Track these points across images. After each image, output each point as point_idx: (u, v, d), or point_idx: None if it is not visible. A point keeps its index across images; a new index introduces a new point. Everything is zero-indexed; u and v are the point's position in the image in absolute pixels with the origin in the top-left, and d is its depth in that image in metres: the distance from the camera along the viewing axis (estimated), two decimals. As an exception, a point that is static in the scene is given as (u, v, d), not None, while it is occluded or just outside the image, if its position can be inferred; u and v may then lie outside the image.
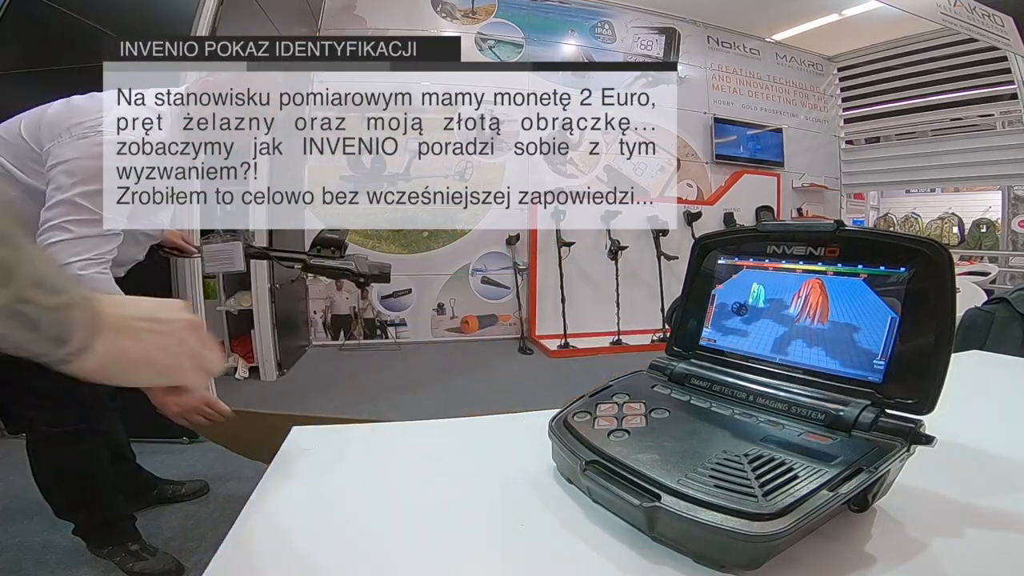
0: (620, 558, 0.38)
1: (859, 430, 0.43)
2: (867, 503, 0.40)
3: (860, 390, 0.45)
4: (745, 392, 0.50)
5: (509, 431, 0.63)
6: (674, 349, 0.59)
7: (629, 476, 0.41)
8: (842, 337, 0.47)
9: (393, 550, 0.40)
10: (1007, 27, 4.10)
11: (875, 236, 0.48)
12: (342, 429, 0.65)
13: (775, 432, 0.45)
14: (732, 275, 0.56)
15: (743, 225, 1.12)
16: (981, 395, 0.76)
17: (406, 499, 0.47)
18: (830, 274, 0.49)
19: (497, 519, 0.44)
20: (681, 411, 0.50)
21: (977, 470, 0.51)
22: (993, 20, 4.04)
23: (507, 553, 0.40)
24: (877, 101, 5.73)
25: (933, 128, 5.47)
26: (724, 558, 0.36)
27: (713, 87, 5.36)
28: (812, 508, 0.36)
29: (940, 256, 0.42)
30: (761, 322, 0.53)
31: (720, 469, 0.40)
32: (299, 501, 0.47)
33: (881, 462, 0.39)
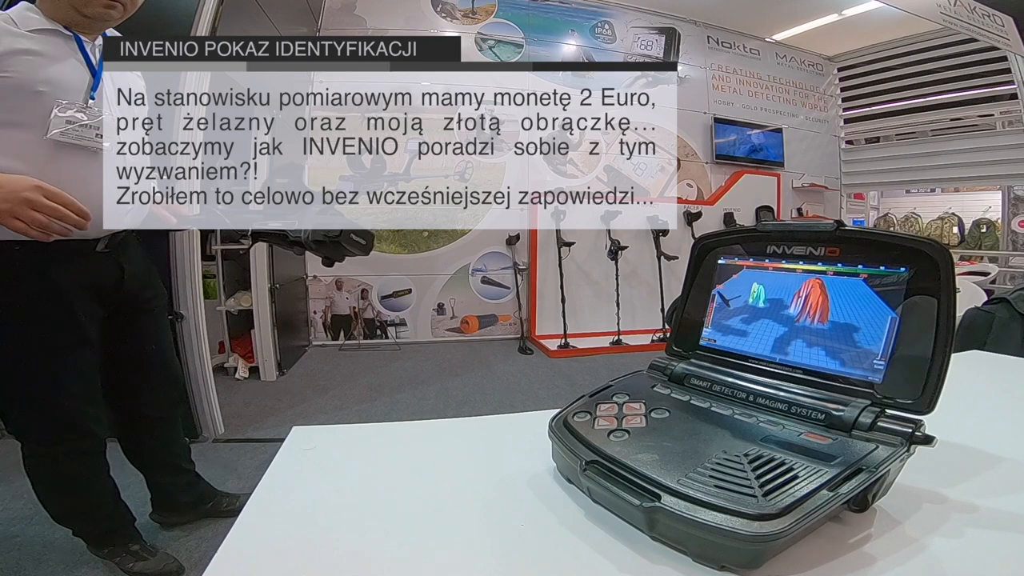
0: (620, 558, 0.38)
1: (859, 430, 0.43)
2: (867, 503, 0.40)
3: (860, 390, 0.45)
4: (745, 392, 0.50)
5: (509, 431, 0.63)
6: (674, 349, 0.59)
7: (629, 476, 0.41)
8: (842, 337, 0.47)
9: (393, 550, 0.40)
10: (1007, 27, 4.10)
11: (875, 236, 0.48)
12: (342, 429, 0.65)
13: (775, 432, 0.45)
14: (732, 275, 0.56)
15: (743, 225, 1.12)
16: (981, 395, 0.76)
17: (406, 499, 0.47)
18: (830, 274, 0.49)
19: (497, 519, 0.44)
20: (681, 411, 0.50)
21: (977, 470, 0.51)
22: (993, 20, 4.04)
23: (507, 553, 0.40)
24: (877, 101, 5.73)
25: (933, 128, 5.47)
26: (724, 558, 0.36)
27: (713, 87, 5.36)
28: (812, 508, 0.36)
29: (940, 256, 0.42)
30: (761, 322, 0.53)
31: (720, 469, 0.40)
32: (299, 501, 0.47)
33: (881, 462, 0.39)
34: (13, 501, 1.73)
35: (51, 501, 1.32)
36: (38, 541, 1.52)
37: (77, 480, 1.30)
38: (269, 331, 3.19)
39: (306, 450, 0.57)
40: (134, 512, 1.46)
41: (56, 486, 1.30)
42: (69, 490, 1.30)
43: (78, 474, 1.30)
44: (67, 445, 1.25)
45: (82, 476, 1.30)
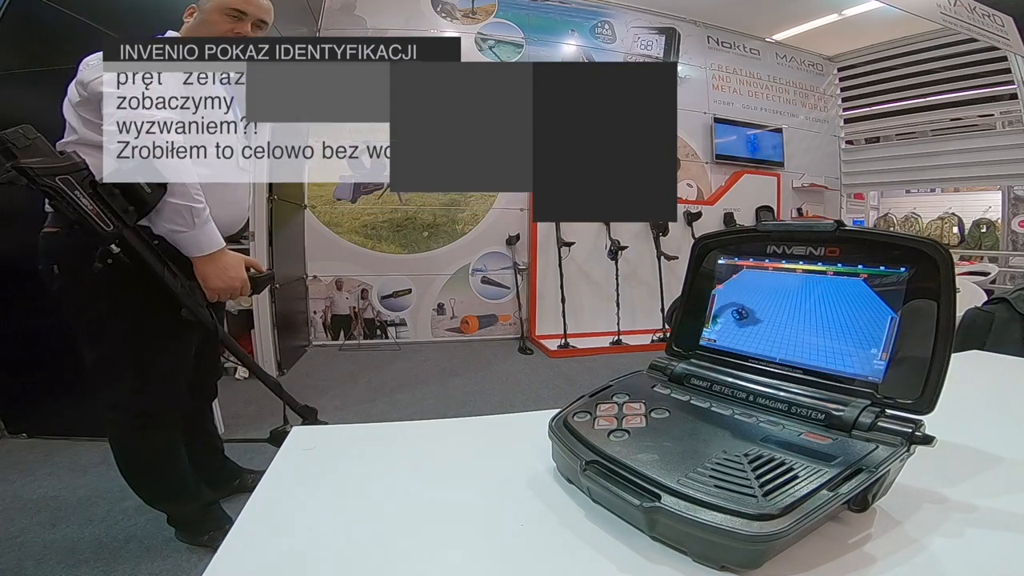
0: (620, 558, 0.38)
1: (859, 430, 0.43)
2: (867, 503, 0.40)
3: (860, 390, 0.45)
4: (745, 392, 0.50)
5: (509, 431, 0.63)
6: (674, 349, 0.59)
7: (629, 476, 0.41)
8: (842, 337, 0.47)
9: (393, 550, 0.40)
10: (1007, 27, 4.10)
11: (875, 236, 0.48)
12: (342, 429, 0.65)
13: (775, 432, 0.45)
14: (732, 275, 0.56)
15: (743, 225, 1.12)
16: (981, 395, 0.76)
17: (406, 499, 0.47)
18: (830, 274, 0.49)
19: (497, 519, 0.44)
20: (681, 411, 0.50)
21: (977, 470, 0.51)
22: (993, 20, 4.04)
23: (507, 553, 0.40)
24: (877, 101, 5.73)
25: (933, 128, 5.47)
26: (724, 558, 0.36)
27: (713, 87, 5.36)
28: (812, 508, 0.36)
29: (940, 256, 0.42)
30: (761, 322, 0.53)
31: (720, 469, 0.40)
32: (299, 501, 0.47)
33: (881, 462, 0.39)
34: (13, 501, 1.73)
35: (142, 479, 1.41)
36: (38, 541, 1.52)
37: (168, 451, 1.41)
38: (269, 331, 3.19)
39: (306, 450, 0.57)
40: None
41: (146, 461, 1.39)
42: (160, 464, 1.40)
43: (168, 446, 1.41)
44: (166, 418, 1.38)
45: (171, 449, 1.42)
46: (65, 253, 1.26)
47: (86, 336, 1.32)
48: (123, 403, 1.33)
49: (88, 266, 1.22)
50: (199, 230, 1.26)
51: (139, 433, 1.35)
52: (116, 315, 1.28)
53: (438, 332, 4.49)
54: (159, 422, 1.36)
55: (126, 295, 1.27)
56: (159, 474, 1.42)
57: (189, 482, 1.47)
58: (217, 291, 1.32)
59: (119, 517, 1.64)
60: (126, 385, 1.32)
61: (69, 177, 1.16)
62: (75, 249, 1.23)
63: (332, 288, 4.26)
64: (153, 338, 1.33)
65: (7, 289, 2.17)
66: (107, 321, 1.28)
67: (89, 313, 1.28)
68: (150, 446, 1.38)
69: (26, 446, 2.16)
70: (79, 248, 1.22)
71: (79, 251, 1.23)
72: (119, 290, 1.26)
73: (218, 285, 1.31)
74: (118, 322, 1.29)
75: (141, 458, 1.39)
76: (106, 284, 1.25)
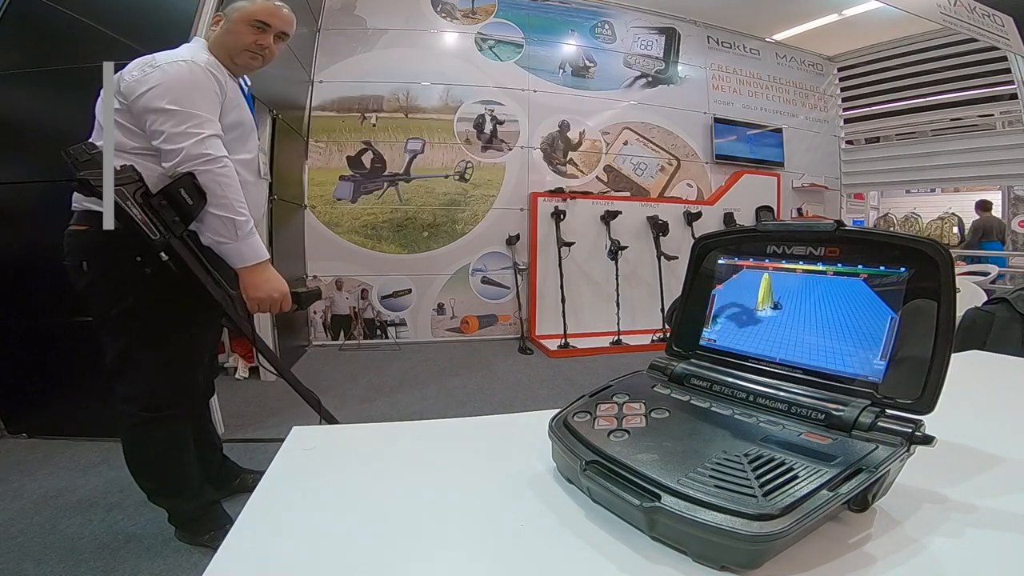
0: (620, 558, 0.38)
1: (859, 430, 0.43)
2: (867, 503, 0.40)
3: (860, 390, 0.45)
4: (745, 392, 0.50)
5: (509, 431, 0.63)
6: (674, 349, 0.59)
7: (629, 476, 0.41)
8: (842, 337, 0.47)
9: (393, 550, 0.40)
10: (1007, 27, 4.10)
11: (875, 236, 0.48)
12: (342, 429, 0.65)
13: (775, 432, 0.44)
14: (732, 275, 0.56)
15: (743, 225, 1.12)
16: (981, 395, 0.76)
17: (406, 499, 0.47)
18: (830, 274, 0.49)
19: (497, 519, 0.44)
20: (681, 411, 0.50)
21: (977, 470, 0.51)
22: (993, 20, 4.04)
23: (507, 553, 0.40)
24: (877, 101, 5.74)
25: (933, 128, 5.47)
26: (724, 558, 0.36)
27: (713, 87, 5.36)
28: (812, 508, 0.36)
29: (940, 256, 0.42)
30: (761, 322, 0.53)
31: (720, 469, 0.40)
32: (299, 501, 0.47)
33: (881, 462, 0.39)
34: (13, 501, 1.73)
35: (147, 472, 1.43)
36: (38, 541, 1.52)
37: (177, 445, 1.43)
38: (269, 331, 3.19)
39: (306, 450, 0.57)
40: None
41: (154, 453, 1.41)
42: (167, 458, 1.42)
43: (177, 440, 1.43)
44: (178, 411, 1.41)
45: (180, 443, 1.44)
46: (95, 250, 1.29)
47: (111, 330, 1.34)
48: (138, 395, 1.36)
49: (118, 263, 1.27)
50: (242, 242, 1.30)
51: (150, 424, 1.37)
52: (143, 310, 1.31)
53: (438, 332, 4.49)
54: (170, 415, 1.39)
55: (155, 291, 1.30)
56: (166, 466, 1.43)
57: (194, 478, 1.49)
58: (258, 301, 1.36)
59: (119, 517, 1.64)
60: (146, 377, 1.35)
61: (122, 188, 1.21)
62: (105, 246, 1.27)
63: (332, 288, 4.26)
64: (176, 333, 1.36)
65: (7, 289, 2.17)
66: (134, 316, 1.31)
67: (117, 308, 1.30)
68: (160, 438, 1.40)
69: (26, 446, 2.17)
70: (110, 245, 1.25)
71: (109, 248, 1.26)
72: (149, 286, 1.29)
73: (259, 296, 1.35)
74: (145, 317, 1.32)
75: (151, 449, 1.40)
76: (135, 280, 1.28)
